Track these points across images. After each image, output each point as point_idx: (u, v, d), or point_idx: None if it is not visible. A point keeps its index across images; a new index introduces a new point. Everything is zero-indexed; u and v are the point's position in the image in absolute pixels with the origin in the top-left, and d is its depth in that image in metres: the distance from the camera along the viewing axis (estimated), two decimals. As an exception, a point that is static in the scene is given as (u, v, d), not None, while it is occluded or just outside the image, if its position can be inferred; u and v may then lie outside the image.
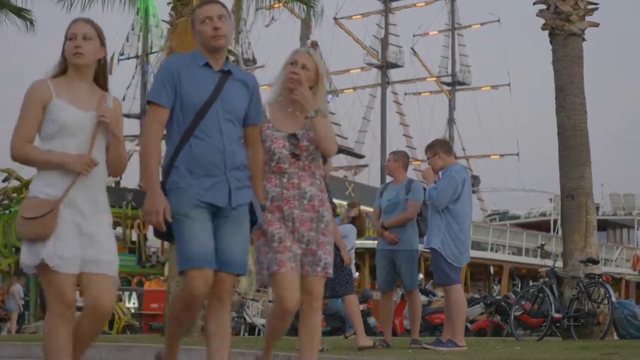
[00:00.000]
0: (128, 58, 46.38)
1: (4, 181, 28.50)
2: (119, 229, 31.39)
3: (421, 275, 22.68)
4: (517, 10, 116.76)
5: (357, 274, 33.35)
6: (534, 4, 12.74)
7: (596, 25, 12.46)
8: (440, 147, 8.48)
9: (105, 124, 4.34)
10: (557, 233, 39.49)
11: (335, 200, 9.30)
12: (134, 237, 33.13)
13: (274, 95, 5.11)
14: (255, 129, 4.78)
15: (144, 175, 4.52)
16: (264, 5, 15.74)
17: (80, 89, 4.40)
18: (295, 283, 4.83)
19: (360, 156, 51.08)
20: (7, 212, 28.31)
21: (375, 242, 9.28)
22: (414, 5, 55.86)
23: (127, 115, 43.13)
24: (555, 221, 43.25)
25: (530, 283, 25.98)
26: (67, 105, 4.31)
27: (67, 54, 4.40)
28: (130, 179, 34.88)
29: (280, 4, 16.46)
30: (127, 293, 26.47)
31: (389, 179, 9.40)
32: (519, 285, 30.38)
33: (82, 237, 4.23)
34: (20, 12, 17.41)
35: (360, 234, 10.41)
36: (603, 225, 42.69)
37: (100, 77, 4.51)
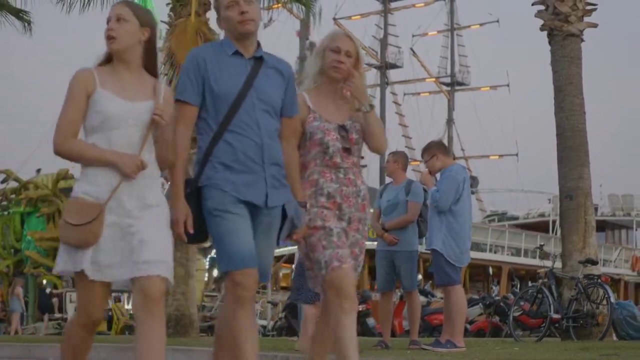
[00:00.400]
0: (127, 59, 46.34)
1: (2, 182, 28.49)
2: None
3: (420, 276, 22.67)
4: (516, 10, 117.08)
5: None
6: (532, 4, 12.73)
7: (595, 25, 12.46)
8: (437, 149, 8.47)
9: (157, 122, 4.01)
10: (556, 234, 39.49)
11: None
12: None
13: (309, 83, 4.69)
14: (290, 121, 4.40)
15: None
16: (262, 6, 15.77)
17: (127, 77, 4.06)
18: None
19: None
20: (5, 213, 28.28)
21: (375, 243, 9.27)
22: (413, 6, 56.10)
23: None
24: (554, 222, 43.25)
25: (529, 284, 25.98)
26: (112, 96, 3.97)
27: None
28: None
29: (279, 5, 16.48)
30: (126, 294, 26.39)
31: (388, 179, 9.39)
32: (518, 286, 30.40)
33: (128, 239, 3.91)
34: (18, 13, 17.40)
35: None
36: (602, 226, 42.74)
37: (148, 62, 4.13)
